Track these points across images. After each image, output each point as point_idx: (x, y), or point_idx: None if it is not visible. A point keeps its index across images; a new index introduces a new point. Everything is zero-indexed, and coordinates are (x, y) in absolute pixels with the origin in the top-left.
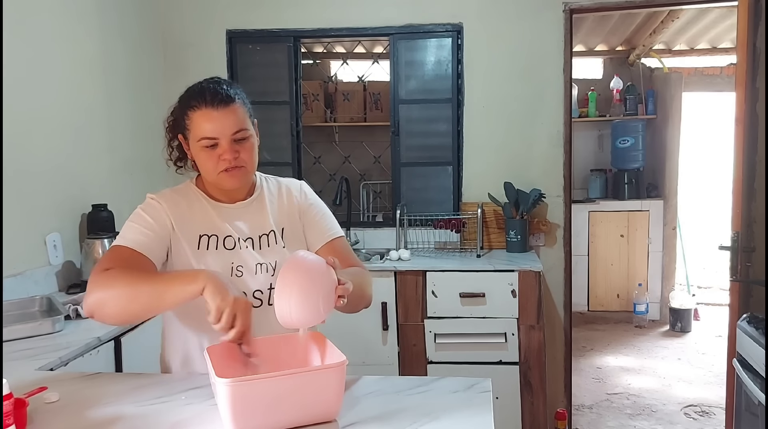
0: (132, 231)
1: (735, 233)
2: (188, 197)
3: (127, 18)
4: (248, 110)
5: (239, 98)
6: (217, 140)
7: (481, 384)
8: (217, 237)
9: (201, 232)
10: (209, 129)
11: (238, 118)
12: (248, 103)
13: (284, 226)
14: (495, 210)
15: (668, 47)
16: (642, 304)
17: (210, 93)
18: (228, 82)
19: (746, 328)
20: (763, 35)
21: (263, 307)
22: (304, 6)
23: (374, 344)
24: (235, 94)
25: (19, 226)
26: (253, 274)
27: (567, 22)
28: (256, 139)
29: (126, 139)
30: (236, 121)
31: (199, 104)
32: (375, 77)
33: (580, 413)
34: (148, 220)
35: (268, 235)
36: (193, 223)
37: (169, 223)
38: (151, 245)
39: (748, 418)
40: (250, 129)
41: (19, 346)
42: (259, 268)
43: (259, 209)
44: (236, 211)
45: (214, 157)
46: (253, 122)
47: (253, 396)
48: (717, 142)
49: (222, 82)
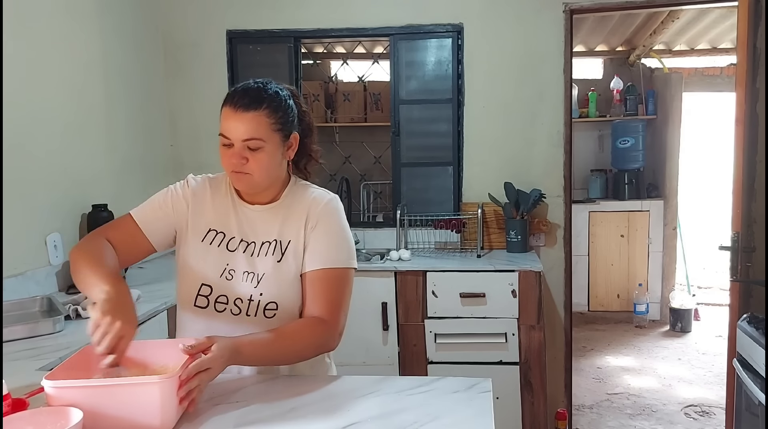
0: (149, 207)
1: (735, 233)
2: (218, 189)
3: (127, 18)
4: (278, 121)
5: (269, 107)
6: (231, 141)
7: (481, 384)
8: (224, 235)
9: (212, 226)
10: (225, 128)
11: (253, 126)
12: (286, 115)
13: (291, 239)
14: (495, 210)
15: (668, 47)
16: (642, 304)
17: (239, 94)
18: (272, 88)
19: (746, 328)
20: (763, 35)
21: (241, 315)
22: (305, 6)
23: (374, 344)
24: (268, 102)
25: (19, 227)
26: (240, 281)
27: (567, 23)
28: (279, 152)
29: (126, 139)
30: (250, 129)
31: (227, 101)
32: (375, 77)
33: (581, 413)
34: (168, 202)
35: (270, 244)
36: (209, 215)
37: (185, 210)
38: (156, 228)
39: (748, 418)
40: (268, 140)
41: (19, 346)
42: (245, 276)
43: (273, 217)
44: (252, 214)
45: (228, 156)
46: (287, 134)
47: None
48: (717, 142)
49: (258, 88)
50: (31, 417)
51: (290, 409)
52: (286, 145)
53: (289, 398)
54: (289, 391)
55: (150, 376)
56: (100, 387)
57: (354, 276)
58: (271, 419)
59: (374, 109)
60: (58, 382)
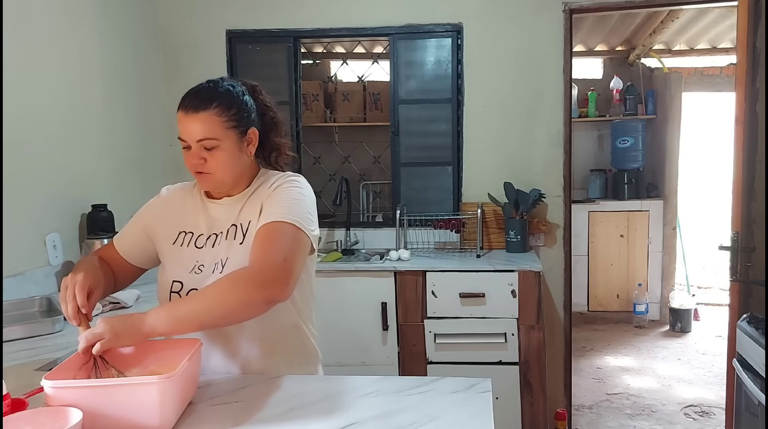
0: (126, 231)
1: (735, 233)
2: (190, 193)
3: (126, 18)
4: (231, 118)
5: (219, 106)
6: (188, 143)
7: (481, 384)
8: (192, 234)
9: (182, 228)
10: (180, 131)
11: (205, 126)
12: (240, 111)
13: (251, 220)
14: (495, 210)
15: (668, 47)
16: (642, 304)
17: (190, 96)
18: (220, 87)
19: (746, 328)
20: (763, 35)
21: None
22: (304, 6)
23: (374, 344)
24: (218, 100)
25: (19, 227)
26: (210, 273)
27: (567, 22)
28: (237, 148)
29: (126, 139)
30: (202, 129)
31: (180, 105)
32: (375, 77)
33: (580, 413)
34: (138, 224)
35: (231, 230)
36: (180, 218)
37: (155, 223)
38: (135, 252)
39: (748, 418)
40: (223, 138)
41: (18, 346)
42: (214, 267)
43: (237, 204)
44: (218, 208)
45: (188, 158)
46: (243, 130)
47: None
48: (717, 142)
49: (209, 87)
50: (31, 417)
51: (290, 409)
52: (244, 140)
53: (289, 398)
54: (289, 391)
55: (149, 376)
56: (100, 387)
57: (304, 239)
58: (271, 419)
59: (374, 109)
60: (57, 382)
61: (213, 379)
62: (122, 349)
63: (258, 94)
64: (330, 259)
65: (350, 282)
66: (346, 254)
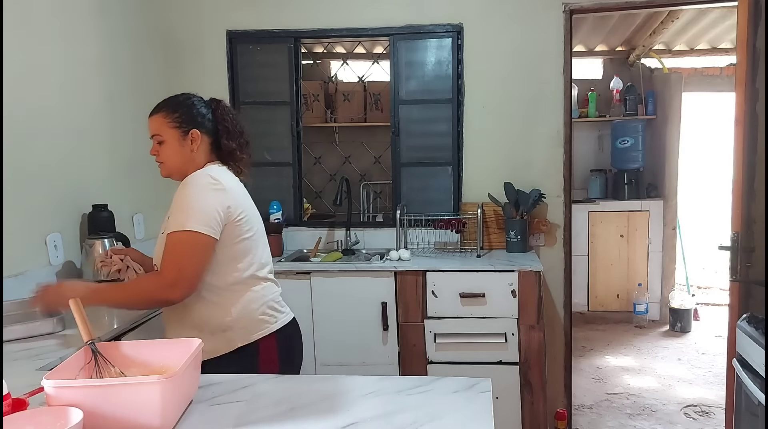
0: None
1: (735, 233)
2: None
3: (127, 18)
4: (174, 120)
5: (166, 110)
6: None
7: (481, 384)
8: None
9: None
10: None
11: (155, 125)
12: (183, 115)
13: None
14: (495, 210)
15: (668, 47)
16: (642, 304)
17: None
18: (175, 98)
19: (746, 328)
20: (763, 35)
21: None
22: (305, 6)
23: (374, 344)
24: (166, 106)
25: (19, 226)
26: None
27: (567, 23)
28: (179, 144)
29: (126, 139)
30: (153, 127)
31: None
32: (375, 77)
33: (580, 413)
34: None
35: (164, 222)
36: None
37: None
38: None
39: (748, 418)
40: (166, 135)
41: (19, 346)
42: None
43: None
44: None
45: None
46: (185, 131)
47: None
48: (717, 142)
49: (167, 98)
50: (31, 417)
51: (290, 409)
52: (187, 139)
53: (289, 398)
54: (289, 391)
55: (150, 376)
56: (100, 387)
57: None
58: (271, 419)
59: (374, 109)
60: (58, 382)
61: (213, 379)
62: (122, 350)
63: (216, 108)
64: (330, 259)
65: (350, 282)
66: (346, 254)
